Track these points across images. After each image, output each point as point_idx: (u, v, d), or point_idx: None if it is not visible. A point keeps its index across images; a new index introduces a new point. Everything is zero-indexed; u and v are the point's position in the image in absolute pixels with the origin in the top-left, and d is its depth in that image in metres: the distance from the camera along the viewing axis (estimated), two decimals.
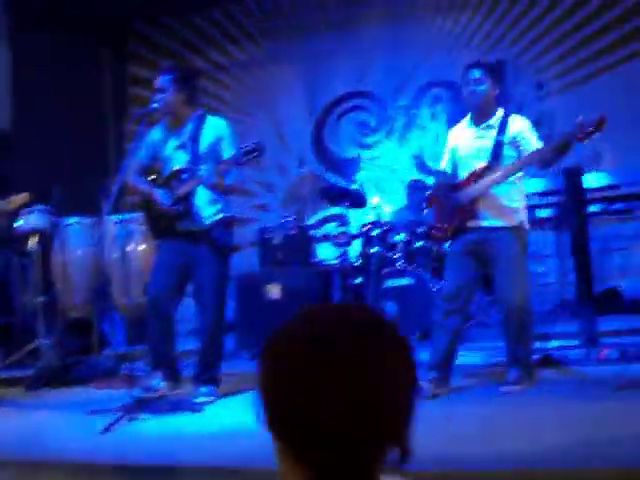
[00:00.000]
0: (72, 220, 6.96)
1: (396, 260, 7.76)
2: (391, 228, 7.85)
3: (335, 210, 8.10)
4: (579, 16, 9.20)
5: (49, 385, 6.06)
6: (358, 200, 7.70)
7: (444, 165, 5.32)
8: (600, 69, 9.11)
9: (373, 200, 9.27)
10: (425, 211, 4.98)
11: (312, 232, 7.65)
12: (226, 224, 5.12)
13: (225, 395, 5.11)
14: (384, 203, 8.93)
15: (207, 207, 5.03)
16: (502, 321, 5.02)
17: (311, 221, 9.29)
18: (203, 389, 5.00)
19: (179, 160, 5.07)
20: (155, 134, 5.26)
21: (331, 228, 8.12)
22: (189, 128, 5.11)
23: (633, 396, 4.28)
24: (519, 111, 9.27)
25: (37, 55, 8.96)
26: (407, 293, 7.39)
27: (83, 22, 9.82)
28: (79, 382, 5.61)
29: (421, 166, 9.10)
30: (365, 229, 7.83)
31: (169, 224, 5.07)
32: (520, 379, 4.74)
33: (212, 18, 10.83)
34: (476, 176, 4.97)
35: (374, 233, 7.72)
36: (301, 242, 7.13)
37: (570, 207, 6.21)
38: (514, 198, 4.97)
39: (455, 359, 5.05)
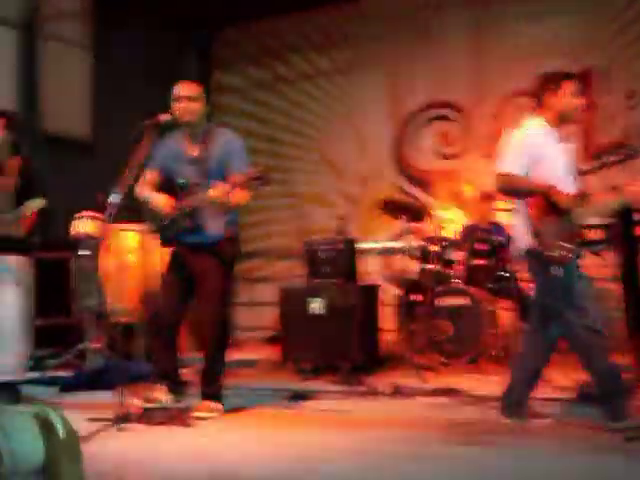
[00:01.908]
0: (124, 226, 7.09)
1: (453, 278, 7.55)
2: (450, 244, 7.62)
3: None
4: None
5: (85, 388, 6.16)
6: (417, 214, 7.50)
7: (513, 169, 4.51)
8: None
9: (444, 213, 9.09)
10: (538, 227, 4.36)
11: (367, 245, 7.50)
12: (233, 238, 5.06)
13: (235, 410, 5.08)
14: (457, 216, 8.75)
15: (214, 221, 4.98)
16: None
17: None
18: (204, 404, 4.95)
19: (190, 174, 5.04)
20: (170, 145, 5.24)
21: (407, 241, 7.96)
22: (201, 141, 5.07)
23: None
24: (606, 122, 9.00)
25: (118, 63, 9.21)
26: (461, 313, 7.16)
27: (166, 28, 10.05)
28: (110, 387, 5.58)
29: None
30: (424, 244, 7.64)
31: (176, 236, 5.07)
32: None
33: (297, 25, 10.83)
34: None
35: (432, 249, 7.52)
36: (347, 256, 7.00)
37: (619, 229, 5.83)
38: None
39: None
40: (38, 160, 8.25)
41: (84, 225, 6.94)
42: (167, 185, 5.12)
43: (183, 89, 5.08)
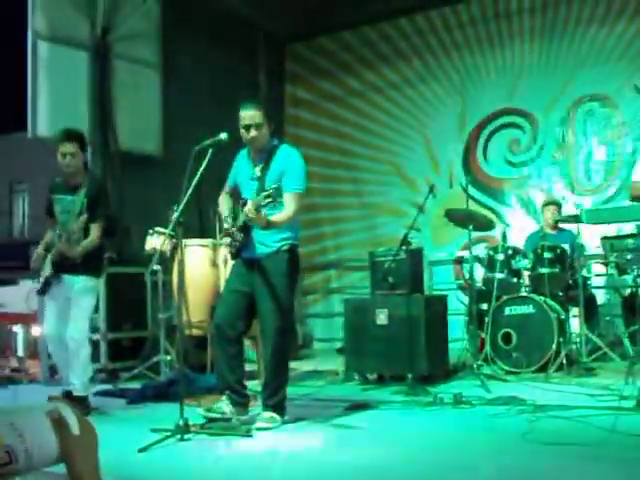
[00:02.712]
0: (192, 242, 7.26)
1: (519, 286, 7.51)
2: (516, 252, 7.59)
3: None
4: None
5: (152, 400, 6.32)
6: (485, 223, 7.48)
7: None
8: None
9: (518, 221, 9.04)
10: None
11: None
12: (290, 252, 5.14)
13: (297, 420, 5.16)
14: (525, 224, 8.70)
15: (270, 236, 5.08)
16: None
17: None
18: (265, 415, 5.05)
19: (250, 190, 5.15)
20: (241, 162, 5.36)
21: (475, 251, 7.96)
22: (264, 159, 5.18)
23: None
24: None
25: (187, 80, 9.45)
26: (527, 321, 7.12)
27: (235, 44, 10.27)
28: (177, 399, 5.70)
29: None
30: (491, 253, 7.63)
31: (236, 251, 5.19)
32: None
33: (367, 39, 10.92)
34: None
35: (499, 257, 7.50)
36: (412, 266, 7.01)
37: None
38: None
39: None
40: (111, 177, 8.60)
41: (156, 240, 7.14)
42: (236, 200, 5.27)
43: (247, 116, 5.14)
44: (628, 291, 7.81)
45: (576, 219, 6.62)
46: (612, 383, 6.04)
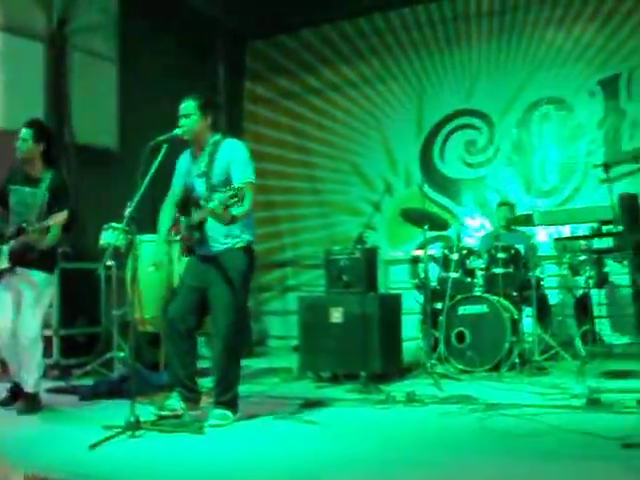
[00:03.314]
0: (146, 238, 7.19)
1: (473, 286, 7.57)
2: (470, 253, 7.65)
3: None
4: None
5: (104, 397, 6.26)
6: (438, 223, 7.51)
7: None
8: None
9: (473, 222, 9.12)
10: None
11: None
12: (245, 250, 5.12)
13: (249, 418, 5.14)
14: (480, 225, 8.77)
15: (225, 233, 5.05)
16: None
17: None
18: (217, 412, 5.02)
19: (199, 188, 5.13)
20: (183, 161, 5.34)
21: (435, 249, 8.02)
22: (207, 154, 5.15)
23: None
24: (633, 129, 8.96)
25: (145, 74, 9.37)
26: (481, 320, 7.17)
27: (195, 40, 10.22)
28: (129, 396, 5.65)
29: None
30: (446, 253, 7.68)
31: (189, 248, 5.17)
32: None
33: (326, 37, 10.93)
34: None
35: (454, 257, 7.55)
36: (367, 265, 7.02)
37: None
38: None
39: None
40: (67, 170, 8.49)
41: (111, 236, 7.06)
42: (187, 199, 5.21)
43: (180, 109, 5.14)
44: (580, 292, 7.91)
45: (528, 220, 6.69)
46: (563, 382, 6.13)
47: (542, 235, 8.59)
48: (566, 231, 7.69)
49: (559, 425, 4.61)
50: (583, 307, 7.64)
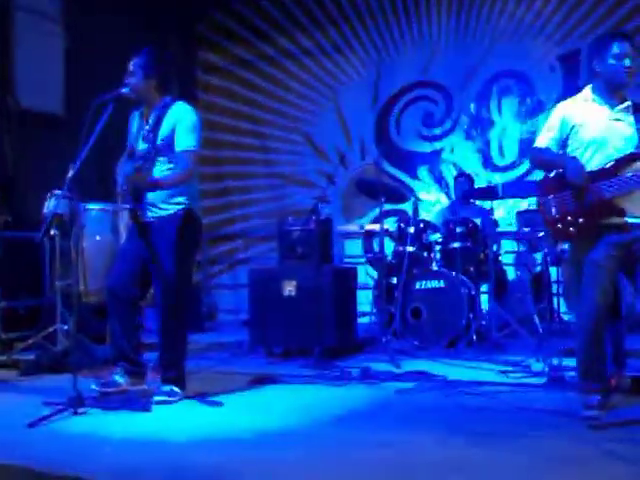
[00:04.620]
0: (92, 206, 6.90)
1: (430, 260, 7.40)
2: (427, 226, 7.47)
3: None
4: None
5: (46, 371, 6.01)
6: (395, 196, 7.31)
7: (545, 142, 4.38)
8: None
9: (429, 196, 8.97)
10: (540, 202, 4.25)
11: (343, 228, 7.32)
12: (183, 217, 4.86)
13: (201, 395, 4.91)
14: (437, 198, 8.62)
15: (161, 199, 4.81)
16: None
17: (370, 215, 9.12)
18: (164, 388, 4.80)
19: (143, 150, 4.88)
20: (133, 121, 5.09)
21: (390, 223, 7.81)
22: (154, 116, 4.90)
23: None
24: None
25: (93, 38, 9.00)
26: (437, 296, 7.01)
27: (151, 4, 9.88)
28: (75, 369, 5.39)
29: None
30: (402, 226, 7.49)
31: (131, 214, 4.94)
32: None
33: (282, 5, 10.63)
34: (623, 164, 4.10)
35: (410, 231, 7.36)
36: (322, 237, 6.81)
37: None
38: None
39: None
40: (9, 135, 8.15)
41: (55, 204, 6.75)
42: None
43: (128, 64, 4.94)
44: (538, 269, 7.80)
45: (492, 192, 6.54)
46: (521, 359, 6.01)
47: (500, 211, 8.46)
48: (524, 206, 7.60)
49: (518, 404, 4.52)
50: (540, 284, 7.54)
